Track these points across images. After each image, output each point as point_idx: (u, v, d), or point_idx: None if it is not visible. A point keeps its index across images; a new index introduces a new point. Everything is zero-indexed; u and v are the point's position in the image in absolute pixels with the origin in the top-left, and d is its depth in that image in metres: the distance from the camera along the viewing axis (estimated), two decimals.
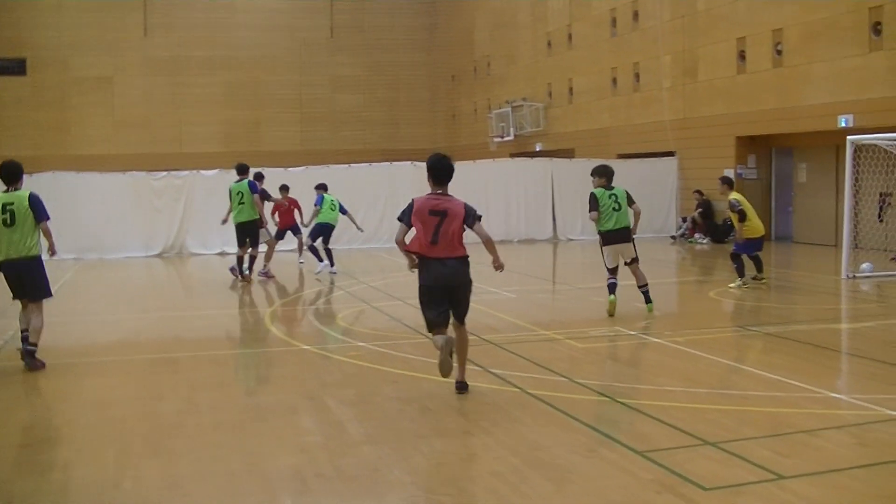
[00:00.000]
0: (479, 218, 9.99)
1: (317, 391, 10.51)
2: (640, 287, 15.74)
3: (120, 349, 13.73)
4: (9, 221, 11.83)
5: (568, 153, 38.36)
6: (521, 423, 8.83)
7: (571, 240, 31.88)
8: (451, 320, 10.02)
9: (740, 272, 18.53)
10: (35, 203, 11.98)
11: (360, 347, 12.97)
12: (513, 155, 42.70)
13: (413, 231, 9.90)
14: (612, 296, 15.38)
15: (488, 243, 9.92)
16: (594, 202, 15.38)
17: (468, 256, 9.97)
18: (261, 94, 52.41)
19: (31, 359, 11.90)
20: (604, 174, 15.66)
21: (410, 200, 10.09)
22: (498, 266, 10.21)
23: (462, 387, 10.14)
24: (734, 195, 18.74)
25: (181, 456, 8.11)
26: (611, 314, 15.22)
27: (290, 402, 9.98)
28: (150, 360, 12.65)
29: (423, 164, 10.48)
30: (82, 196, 28.35)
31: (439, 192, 10.00)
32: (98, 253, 27.73)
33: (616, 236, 15.41)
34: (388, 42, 54.89)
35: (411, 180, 28.57)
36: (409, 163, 30.68)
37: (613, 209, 15.36)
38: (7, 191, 12.10)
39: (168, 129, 50.58)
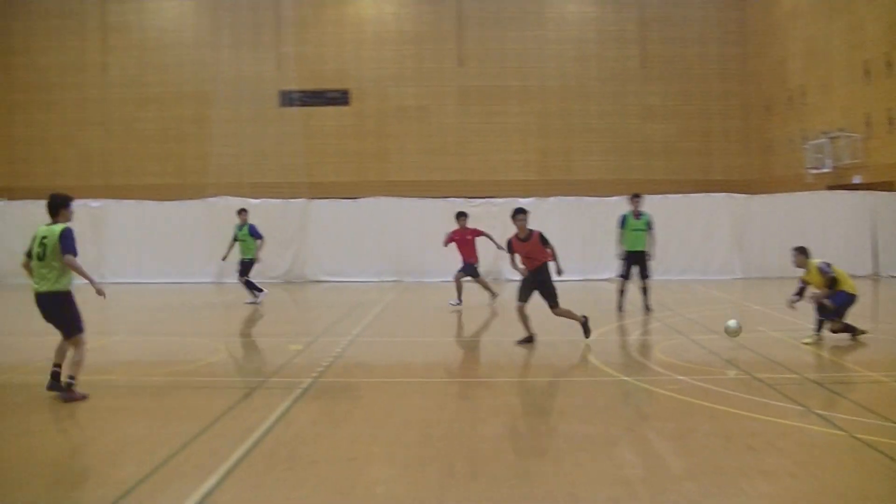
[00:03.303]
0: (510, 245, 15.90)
1: (636, 423, 10.58)
2: None
3: (406, 371, 14.51)
4: (41, 255, 11.81)
5: (889, 186, 36.85)
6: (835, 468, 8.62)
7: (893, 277, 30.56)
8: None
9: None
10: (63, 237, 11.77)
11: (679, 381, 12.89)
12: (830, 187, 41.39)
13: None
14: None
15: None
16: None
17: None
18: (571, 123, 52.65)
19: (65, 392, 11.73)
20: None
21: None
22: None
23: None
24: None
25: (478, 481, 8.34)
26: None
27: (608, 434, 10.06)
28: (443, 384, 13.03)
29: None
30: (397, 219, 30.40)
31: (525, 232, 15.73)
32: (417, 276, 29.03)
33: None
34: (698, 72, 54.23)
35: (730, 212, 28.71)
36: (724, 194, 30.23)
37: None
38: (49, 224, 12.00)
39: (479, 157, 51.47)
